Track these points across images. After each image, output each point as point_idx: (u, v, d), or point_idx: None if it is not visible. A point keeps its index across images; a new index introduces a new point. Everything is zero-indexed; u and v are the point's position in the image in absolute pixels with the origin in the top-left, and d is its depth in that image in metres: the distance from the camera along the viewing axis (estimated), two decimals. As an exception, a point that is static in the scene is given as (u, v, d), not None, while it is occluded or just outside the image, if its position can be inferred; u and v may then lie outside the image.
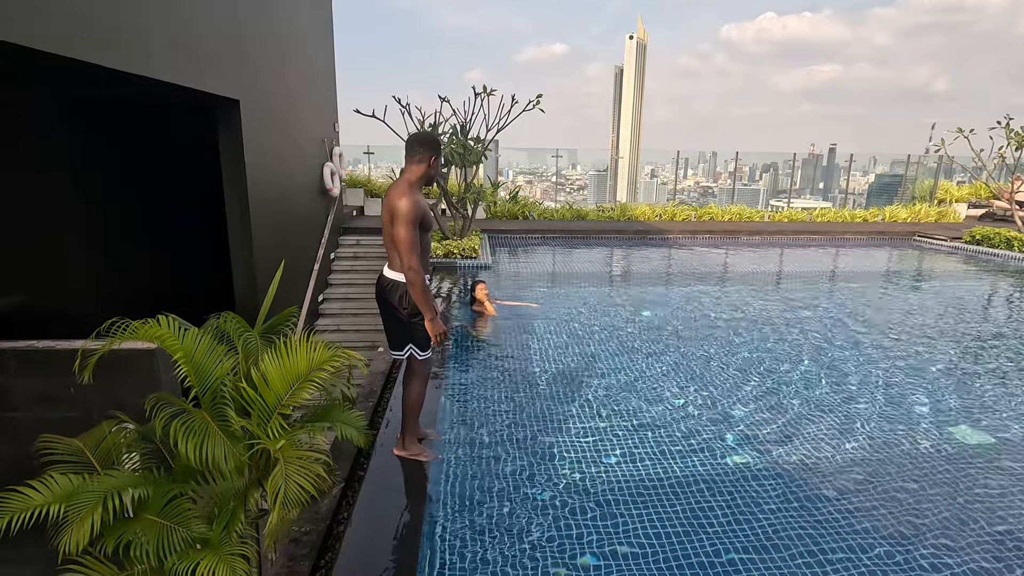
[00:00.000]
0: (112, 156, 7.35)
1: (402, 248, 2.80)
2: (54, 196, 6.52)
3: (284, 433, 2.71)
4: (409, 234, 2.78)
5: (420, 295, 2.87)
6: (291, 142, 8.27)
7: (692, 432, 3.89)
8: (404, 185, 2.89)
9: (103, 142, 7.19)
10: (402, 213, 2.78)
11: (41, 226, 6.28)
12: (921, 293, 8.68)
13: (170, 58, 4.99)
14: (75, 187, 6.85)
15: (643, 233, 12.92)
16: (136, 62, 4.55)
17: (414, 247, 2.81)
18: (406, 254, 2.80)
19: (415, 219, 2.81)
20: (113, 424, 3.07)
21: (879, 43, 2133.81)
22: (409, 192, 2.84)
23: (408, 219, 2.78)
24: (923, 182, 18.00)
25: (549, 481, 3.27)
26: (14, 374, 4.01)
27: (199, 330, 3.13)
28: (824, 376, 4.96)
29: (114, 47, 4.31)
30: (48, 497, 2.42)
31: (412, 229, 2.79)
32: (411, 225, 2.79)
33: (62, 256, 6.65)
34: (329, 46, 10.44)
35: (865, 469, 3.48)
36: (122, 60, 4.38)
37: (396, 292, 2.95)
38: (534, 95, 9.99)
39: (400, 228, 2.79)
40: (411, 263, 2.81)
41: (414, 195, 2.84)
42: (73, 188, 6.83)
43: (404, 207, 2.79)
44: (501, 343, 5.66)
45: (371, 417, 4.00)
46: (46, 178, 6.39)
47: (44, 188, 6.36)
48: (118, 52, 4.35)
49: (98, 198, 7.16)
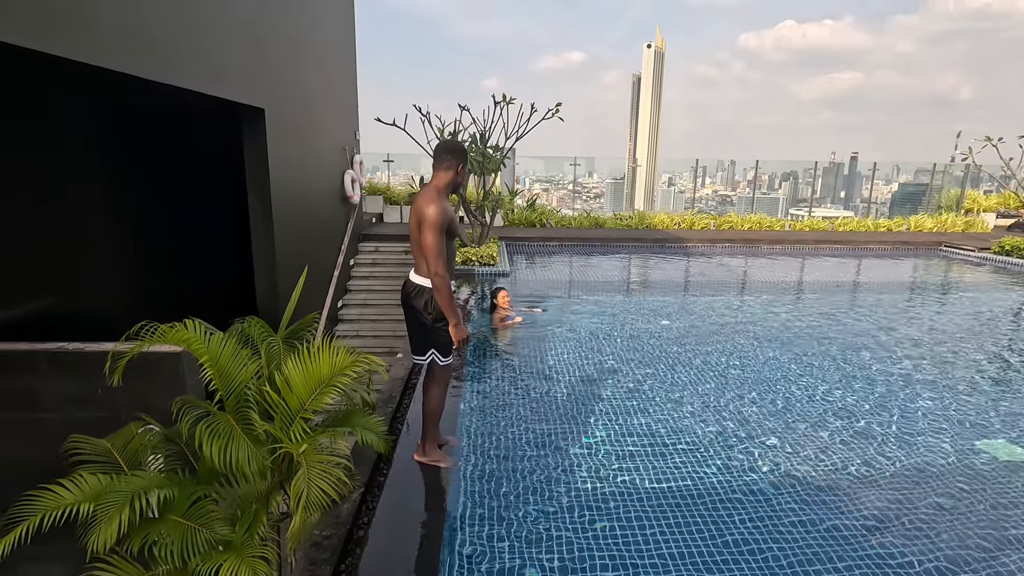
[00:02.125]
0: (140, 163, 7.55)
1: (429, 254, 2.83)
2: (84, 202, 6.71)
3: (306, 437, 2.73)
4: (436, 240, 2.81)
5: (446, 301, 2.90)
6: (313, 150, 8.40)
7: (715, 445, 3.83)
8: (432, 192, 2.92)
9: (132, 149, 7.38)
10: (429, 219, 2.81)
11: (70, 231, 6.45)
12: (950, 305, 8.47)
13: (199, 68, 5.12)
14: (104, 193, 7.04)
15: (661, 241, 12.84)
16: (166, 72, 4.68)
17: (441, 253, 2.83)
18: (433, 260, 2.82)
19: (442, 225, 2.83)
20: (139, 426, 3.13)
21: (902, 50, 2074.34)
22: (437, 199, 2.87)
23: (435, 225, 2.80)
24: (949, 191, 17.63)
25: (568, 490, 3.25)
26: (45, 376, 4.10)
27: (224, 334, 3.18)
28: (850, 389, 4.86)
29: (148, 59, 4.45)
30: (78, 496, 2.47)
31: (439, 235, 2.82)
32: (438, 231, 2.81)
33: (91, 261, 6.82)
34: (351, 55, 10.62)
35: (897, 486, 3.39)
36: (154, 71, 4.51)
37: (422, 297, 2.97)
38: (551, 103, 10.06)
39: (427, 234, 2.82)
40: (438, 269, 2.83)
41: (441, 202, 2.87)
42: (103, 194, 7.02)
43: (432, 213, 2.81)
44: (520, 350, 5.66)
45: (390, 423, 4.01)
46: (77, 184, 6.57)
47: (74, 194, 6.54)
48: (151, 63, 4.48)
49: (125, 204, 7.35)
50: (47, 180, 6.07)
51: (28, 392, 4.12)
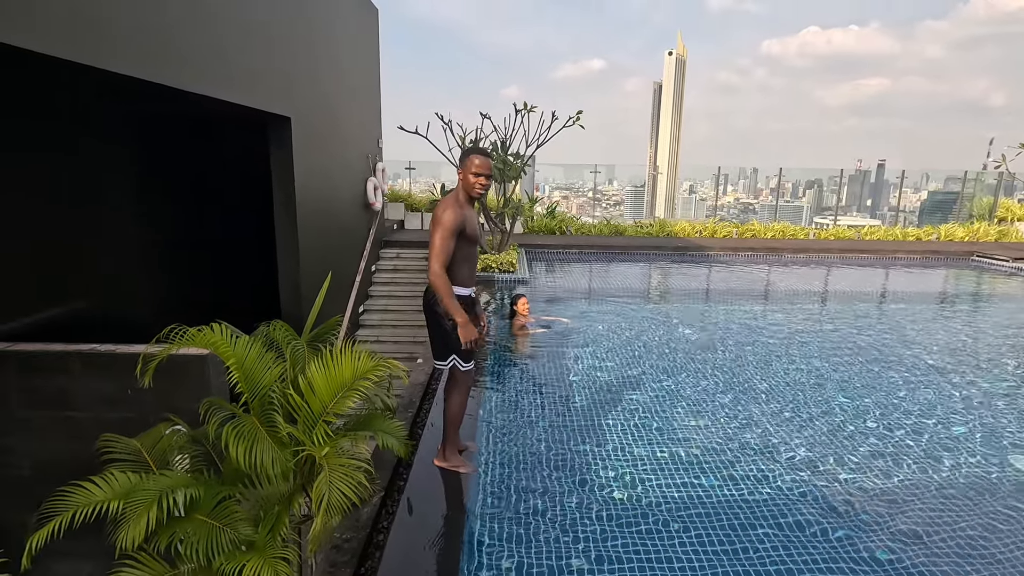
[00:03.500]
0: (169, 169, 7.76)
1: (431, 251, 2.87)
2: (115, 207, 6.90)
3: (328, 440, 2.76)
4: (441, 240, 2.84)
5: (446, 299, 2.89)
6: (337, 157, 8.55)
7: (741, 457, 3.77)
8: (450, 197, 2.96)
9: (162, 156, 7.59)
10: (438, 219, 2.86)
11: (102, 235, 6.64)
12: (985, 316, 8.22)
13: (229, 78, 5.25)
14: (135, 199, 7.24)
15: (683, 249, 12.72)
16: (199, 82, 4.82)
17: (440, 252, 2.85)
18: (432, 258, 2.87)
19: (453, 229, 2.86)
20: (168, 426, 3.20)
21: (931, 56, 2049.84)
22: (453, 204, 2.90)
23: (443, 226, 2.84)
24: (981, 199, 17.15)
25: (587, 497, 3.22)
26: (78, 376, 4.22)
27: (249, 337, 3.24)
28: (881, 403, 4.74)
29: (180, 68, 4.59)
30: (108, 494, 2.53)
31: (447, 237, 2.85)
32: (446, 233, 2.85)
33: (121, 265, 7.01)
34: (375, 64, 10.79)
35: (935, 505, 3.29)
36: (188, 80, 4.65)
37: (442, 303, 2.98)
38: (571, 110, 10.09)
39: (434, 233, 2.88)
40: (432, 267, 2.87)
41: (457, 207, 2.90)
42: (133, 199, 7.22)
43: (440, 215, 2.87)
44: (539, 358, 5.65)
45: (410, 428, 4.04)
46: (109, 190, 6.78)
47: (106, 199, 6.74)
48: (184, 73, 4.62)
49: (154, 209, 7.55)
50: (80, 185, 6.27)
51: (62, 392, 4.25)
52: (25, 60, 3.29)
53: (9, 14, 2.97)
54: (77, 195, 6.20)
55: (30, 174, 5.61)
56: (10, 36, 3.01)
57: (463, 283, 3.02)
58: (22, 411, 4.28)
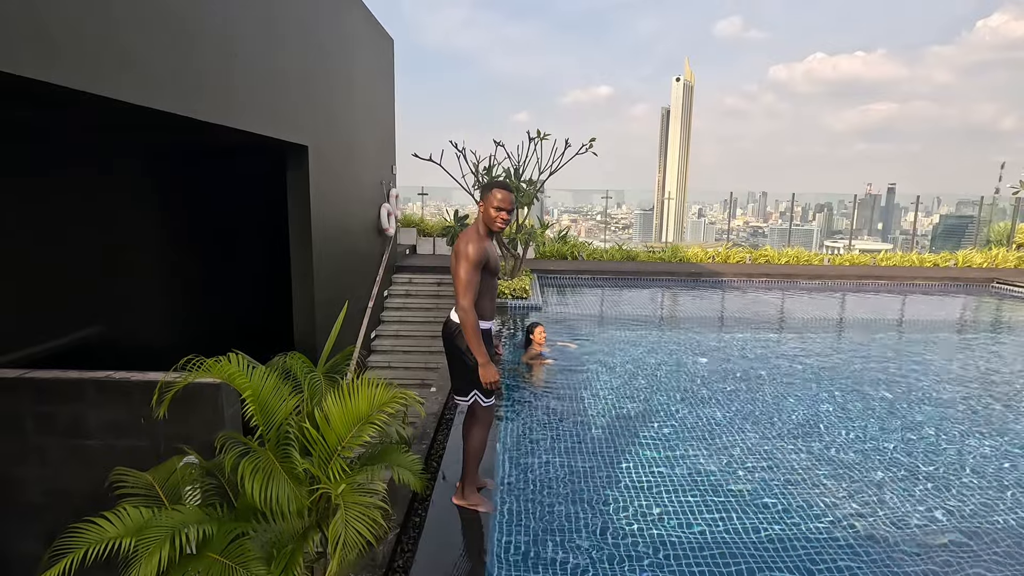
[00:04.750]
0: (188, 197, 7.86)
1: (458, 286, 2.82)
2: (132, 236, 6.99)
3: (344, 476, 2.70)
4: (468, 274, 2.80)
5: (470, 336, 2.84)
6: (353, 184, 8.63)
7: (760, 490, 3.64)
8: (472, 230, 2.93)
9: (179, 185, 7.71)
10: (463, 253, 2.82)
11: (119, 264, 6.71)
12: (1010, 345, 8.02)
13: (251, 109, 5.34)
14: (151, 227, 7.34)
15: (696, 275, 12.63)
16: (227, 116, 4.91)
17: (469, 287, 2.81)
18: (460, 292, 2.82)
19: (477, 262, 2.82)
20: (180, 459, 3.15)
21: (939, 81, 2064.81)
22: (476, 237, 2.87)
23: (468, 259, 2.80)
24: (998, 225, 16.94)
25: (610, 535, 3.11)
26: (92, 404, 4.20)
27: (265, 368, 3.21)
28: (905, 435, 4.59)
29: (214, 104, 4.70)
30: (120, 530, 2.48)
31: (472, 270, 2.81)
32: (471, 266, 2.80)
33: (136, 293, 7.06)
34: (390, 92, 10.97)
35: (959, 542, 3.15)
36: (218, 115, 4.75)
37: (463, 336, 2.93)
38: (580, 134, 10.17)
39: (459, 266, 2.82)
40: (463, 302, 2.81)
41: (479, 240, 2.87)
42: (150, 228, 7.31)
43: (465, 249, 2.82)
44: (555, 387, 5.55)
45: (425, 459, 3.95)
46: (126, 219, 6.87)
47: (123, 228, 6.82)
48: (217, 108, 4.73)
49: (170, 238, 7.64)
50: (102, 213, 6.36)
51: (75, 419, 4.22)
52: (78, 98, 3.45)
53: (72, 60, 3.08)
54: (99, 222, 6.29)
55: (51, 202, 5.70)
56: (78, 82, 3.22)
57: (485, 316, 2.97)
58: (37, 438, 4.25)
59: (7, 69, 2.73)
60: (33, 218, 5.52)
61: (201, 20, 4.50)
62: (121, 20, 3.56)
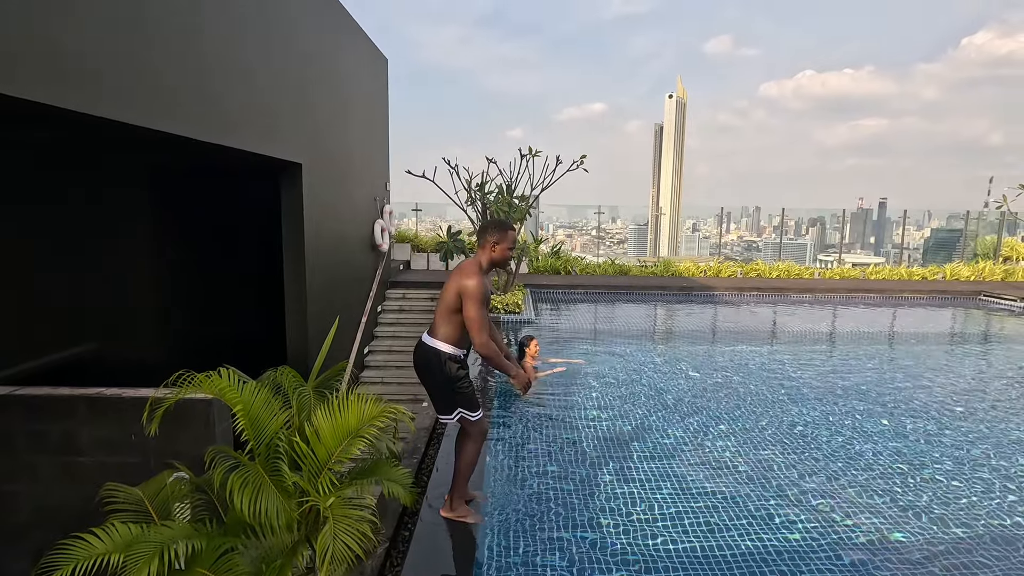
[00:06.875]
0: (180, 214, 7.92)
1: (473, 326, 2.92)
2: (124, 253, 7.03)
3: (334, 490, 2.73)
4: (477, 313, 2.89)
5: (498, 365, 3.05)
6: (346, 200, 8.71)
7: (751, 505, 3.68)
8: (474, 265, 3.00)
9: (170, 202, 7.77)
10: (472, 293, 2.89)
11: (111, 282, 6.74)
12: (996, 357, 8.12)
13: (245, 128, 5.43)
14: (143, 244, 7.38)
15: (688, 289, 12.74)
16: (227, 136, 5.02)
17: (483, 325, 2.93)
18: (476, 331, 2.92)
19: (483, 299, 2.93)
20: (171, 474, 3.16)
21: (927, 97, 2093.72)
22: (478, 273, 2.94)
23: (478, 299, 2.89)
24: (985, 238, 17.19)
25: (599, 548, 3.14)
26: (83, 420, 4.21)
27: (256, 383, 3.24)
28: (900, 451, 4.65)
29: (217, 126, 4.82)
30: (109, 546, 2.49)
31: (482, 308, 2.92)
32: (480, 304, 2.91)
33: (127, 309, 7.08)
34: (384, 109, 11.12)
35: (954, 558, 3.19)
36: (218, 135, 4.85)
37: (439, 359, 3.00)
38: (573, 151, 10.34)
39: (471, 308, 2.90)
40: (480, 339, 2.92)
41: (480, 274, 2.95)
42: (142, 245, 7.36)
43: (473, 287, 2.89)
44: (547, 401, 5.59)
45: (415, 474, 3.97)
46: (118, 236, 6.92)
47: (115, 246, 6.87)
48: (217, 128, 4.84)
49: (162, 255, 7.68)
50: (92, 232, 6.41)
51: (66, 436, 4.23)
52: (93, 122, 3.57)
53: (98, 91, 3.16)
54: (92, 239, 6.33)
55: (45, 220, 5.75)
56: (99, 109, 3.40)
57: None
58: (28, 455, 4.25)
59: (27, 96, 2.90)
60: (26, 236, 5.56)
61: (199, 41, 4.60)
62: (139, 49, 3.76)
